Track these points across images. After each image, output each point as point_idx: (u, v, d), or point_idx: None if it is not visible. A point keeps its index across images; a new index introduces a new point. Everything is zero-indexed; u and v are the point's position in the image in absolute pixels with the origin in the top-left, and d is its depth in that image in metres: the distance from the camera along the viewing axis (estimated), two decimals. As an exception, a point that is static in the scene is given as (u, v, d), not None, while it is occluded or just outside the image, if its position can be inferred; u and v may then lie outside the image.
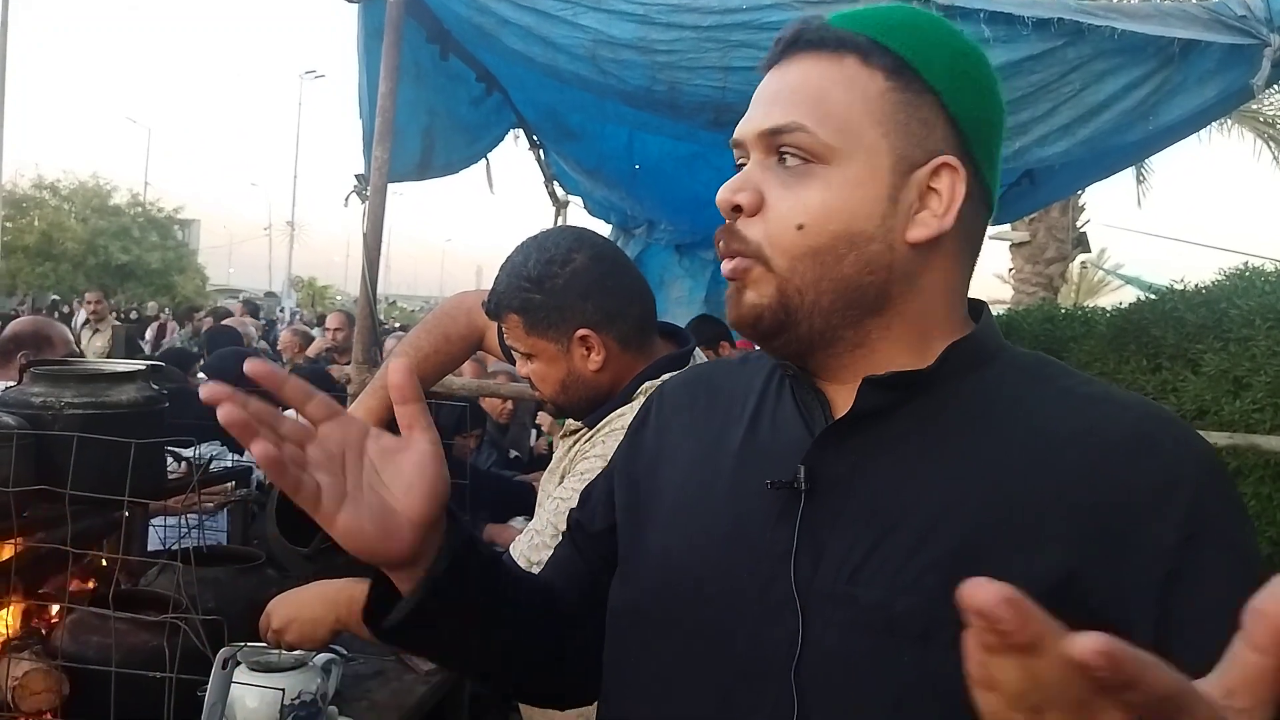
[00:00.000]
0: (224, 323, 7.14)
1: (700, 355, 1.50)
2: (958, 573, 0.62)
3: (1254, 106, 8.91)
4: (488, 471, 3.35)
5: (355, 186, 2.78)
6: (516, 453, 4.29)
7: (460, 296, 1.81)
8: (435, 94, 3.08)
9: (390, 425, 0.72)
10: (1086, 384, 0.73)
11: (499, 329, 1.52)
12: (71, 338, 3.04)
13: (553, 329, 1.39)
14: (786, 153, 0.73)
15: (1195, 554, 0.63)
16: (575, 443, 1.47)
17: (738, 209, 0.74)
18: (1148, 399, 0.73)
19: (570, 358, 1.40)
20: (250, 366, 0.64)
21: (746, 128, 0.75)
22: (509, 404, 3.93)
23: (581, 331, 1.38)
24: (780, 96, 0.74)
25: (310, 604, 1.44)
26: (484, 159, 3.72)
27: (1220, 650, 0.59)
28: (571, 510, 0.96)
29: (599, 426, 1.40)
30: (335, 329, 6.07)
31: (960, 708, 0.61)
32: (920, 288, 0.74)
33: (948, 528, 0.66)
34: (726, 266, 0.75)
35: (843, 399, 0.74)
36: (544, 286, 1.37)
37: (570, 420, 1.52)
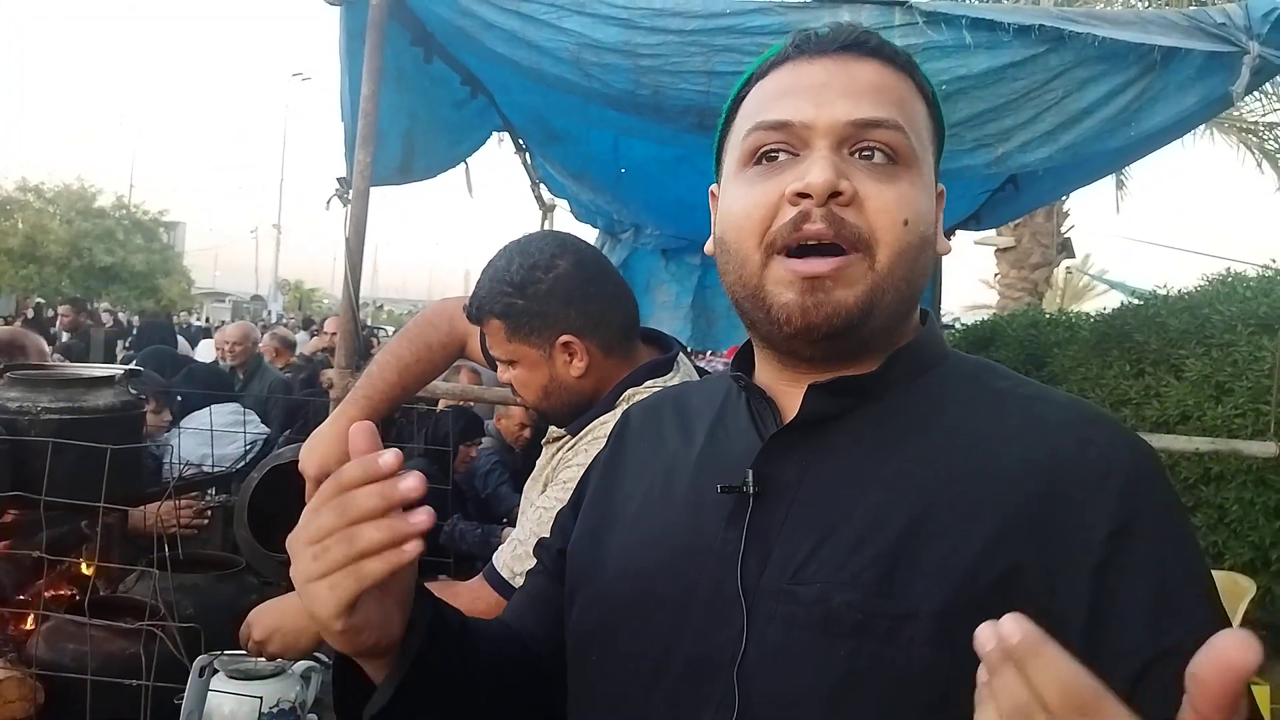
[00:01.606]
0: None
1: (684, 361, 1.49)
2: (895, 567, 0.65)
3: (1235, 113, 8.99)
4: (468, 527, 3.30)
5: (336, 190, 2.77)
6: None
7: (441, 303, 1.79)
8: (417, 97, 3.07)
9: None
10: (1023, 385, 0.76)
11: (481, 335, 1.51)
12: (47, 348, 3.01)
13: (535, 335, 1.38)
14: (876, 147, 0.71)
15: (1128, 544, 0.64)
16: (558, 450, 1.46)
17: (837, 194, 0.69)
18: (1081, 398, 0.77)
19: (552, 364, 1.39)
20: None
21: (824, 113, 0.71)
22: (526, 431, 3.93)
23: (564, 338, 1.37)
24: (864, 92, 0.72)
25: (293, 614, 1.41)
26: (464, 163, 3.70)
27: (1152, 640, 0.61)
28: (540, 540, 0.98)
29: (582, 434, 1.39)
30: (333, 333, 6.27)
31: (892, 700, 0.63)
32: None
33: (889, 526, 0.67)
34: (825, 265, 0.69)
35: (792, 405, 0.76)
36: (527, 292, 1.36)
37: (554, 428, 1.51)
